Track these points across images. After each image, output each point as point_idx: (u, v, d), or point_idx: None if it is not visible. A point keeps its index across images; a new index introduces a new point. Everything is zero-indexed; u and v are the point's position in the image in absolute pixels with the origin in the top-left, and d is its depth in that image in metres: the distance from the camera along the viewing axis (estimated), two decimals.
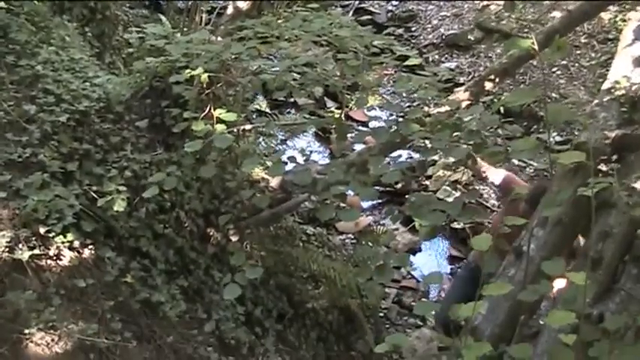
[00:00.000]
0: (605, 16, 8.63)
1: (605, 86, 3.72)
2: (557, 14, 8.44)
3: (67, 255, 3.20)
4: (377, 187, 3.06)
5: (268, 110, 7.42)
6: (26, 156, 3.34)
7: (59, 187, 3.30)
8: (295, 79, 3.56)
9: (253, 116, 6.58)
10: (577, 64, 8.67)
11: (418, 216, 2.68)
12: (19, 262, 3.01)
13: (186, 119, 3.26)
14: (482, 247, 1.89)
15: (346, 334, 4.68)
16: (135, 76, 4.00)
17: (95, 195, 3.41)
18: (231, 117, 3.20)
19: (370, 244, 5.79)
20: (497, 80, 4.92)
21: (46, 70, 3.75)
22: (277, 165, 3.01)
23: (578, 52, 8.87)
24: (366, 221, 6.32)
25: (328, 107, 7.90)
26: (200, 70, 3.35)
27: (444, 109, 3.83)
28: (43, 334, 2.88)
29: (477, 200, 6.43)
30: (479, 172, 4.72)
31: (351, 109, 7.30)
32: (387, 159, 3.09)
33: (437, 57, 9.28)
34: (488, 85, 4.86)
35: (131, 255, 3.55)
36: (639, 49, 3.85)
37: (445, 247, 6.31)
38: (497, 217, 5.12)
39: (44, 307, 2.95)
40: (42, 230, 3.14)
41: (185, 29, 6.21)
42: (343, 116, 4.03)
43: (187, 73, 3.40)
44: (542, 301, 3.03)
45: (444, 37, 9.51)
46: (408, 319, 5.51)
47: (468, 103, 4.47)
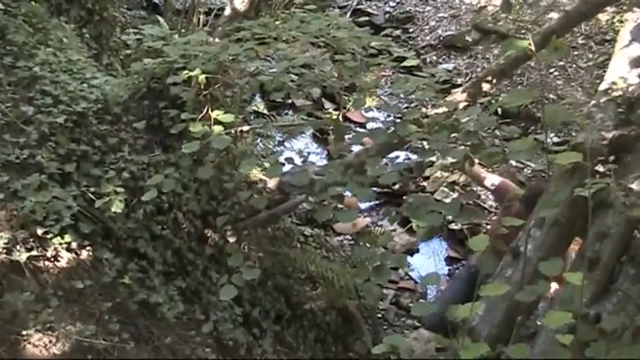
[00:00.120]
0: (603, 17, 8.65)
1: (602, 87, 3.74)
2: (554, 15, 8.45)
3: (65, 256, 3.19)
4: (374, 188, 3.05)
5: (266, 111, 7.41)
6: (24, 157, 3.34)
7: (57, 188, 3.30)
8: (293, 81, 3.56)
9: (251, 117, 6.59)
10: (574, 65, 8.68)
11: (416, 217, 2.69)
12: (16, 263, 3.01)
13: (183, 120, 3.26)
14: (480, 248, 1.90)
15: (344, 335, 4.68)
16: (132, 78, 4.00)
17: (93, 196, 3.40)
18: (229, 118, 3.20)
19: (368, 245, 5.79)
20: (495, 81, 4.94)
21: (44, 71, 3.74)
22: (275, 166, 3.01)
23: (576, 53, 8.88)
24: (363, 222, 6.32)
25: (326, 108, 7.90)
26: (198, 71, 3.35)
27: (441, 111, 3.84)
28: (40, 335, 2.87)
29: (474, 201, 6.42)
30: (477, 177, 4.73)
31: (349, 110, 7.30)
32: (385, 160, 3.08)
33: (434, 58, 9.28)
34: (486, 86, 4.88)
35: (129, 256, 3.55)
36: (636, 50, 3.86)
37: (443, 248, 6.31)
38: (494, 223, 5.14)
39: (42, 309, 2.95)
40: (39, 231, 3.13)
41: (183, 30, 6.23)
42: (341, 117, 4.03)
43: (185, 75, 3.40)
44: (539, 301, 3.04)
45: (442, 38, 9.51)
46: (405, 320, 5.50)
47: (466, 104, 4.48)
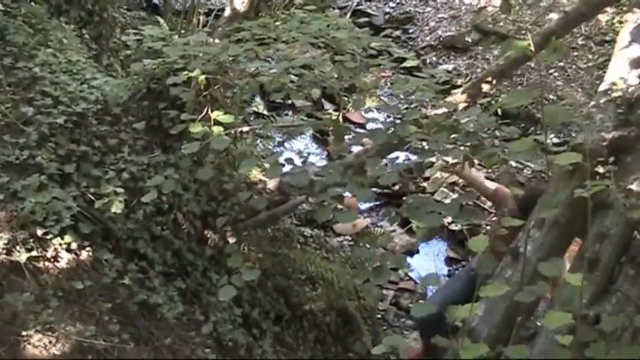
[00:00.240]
0: (603, 18, 8.66)
1: (602, 88, 3.73)
2: (554, 16, 8.46)
3: (65, 257, 3.19)
4: (374, 189, 3.05)
5: (266, 112, 7.42)
6: (24, 158, 3.34)
7: (57, 189, 3.30)
8: (293, 81, 3.56)
9: (251, 118, 6.60)
10: (574, 66, 8.69)
11: (415, 218, 2.68)
12: (16, 264, 3.01)
13: (183, 121, 3.26)
14: (479, 249, 1.90)
15: (344, 335, 4.68)
16: (132, 78, 4.00)
17: (93, 197, 3.41)
18: (229, 119, 3.20)
19: (367, 245, 5.79)
20: (495, 82, 4.95)
21: (44, 72, 3.75)
22: (275, 167, 3.01)
23: (575, 53, 8.88)
24: (363, 223, 6.32)
25: (326, 109, 7.91)
26: (197, 72, 3.35)
27: (441, 111, 3.84)
28: (40, 336, 2.87)
29: (474, 202, 6.42)
30: (473, 182, 4.72)
31: (349, 110, 7.31)
32: (385, 161, 3.08)
33: (434, 59, 9.29)
34: (486, 86, 4.89)
35: (129, 257, 3.55)
36: (636, 50, 3.85)
37: (443, 249, 6.32)
38: (493, 224, 5.14)
39: (42, 309, 2.95)
40: (39, 232, 3.13)
41: (182, 31, 6.23)
42: (341, 118, 4.03)
43: (185, 75, 3.39)
44: (539, 302, 3.03)
45: (442, 39, 9.52)
46: (405, 320, 5.51)
47: (466, 104, 4.48)
